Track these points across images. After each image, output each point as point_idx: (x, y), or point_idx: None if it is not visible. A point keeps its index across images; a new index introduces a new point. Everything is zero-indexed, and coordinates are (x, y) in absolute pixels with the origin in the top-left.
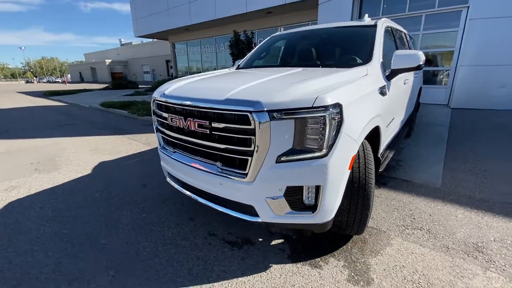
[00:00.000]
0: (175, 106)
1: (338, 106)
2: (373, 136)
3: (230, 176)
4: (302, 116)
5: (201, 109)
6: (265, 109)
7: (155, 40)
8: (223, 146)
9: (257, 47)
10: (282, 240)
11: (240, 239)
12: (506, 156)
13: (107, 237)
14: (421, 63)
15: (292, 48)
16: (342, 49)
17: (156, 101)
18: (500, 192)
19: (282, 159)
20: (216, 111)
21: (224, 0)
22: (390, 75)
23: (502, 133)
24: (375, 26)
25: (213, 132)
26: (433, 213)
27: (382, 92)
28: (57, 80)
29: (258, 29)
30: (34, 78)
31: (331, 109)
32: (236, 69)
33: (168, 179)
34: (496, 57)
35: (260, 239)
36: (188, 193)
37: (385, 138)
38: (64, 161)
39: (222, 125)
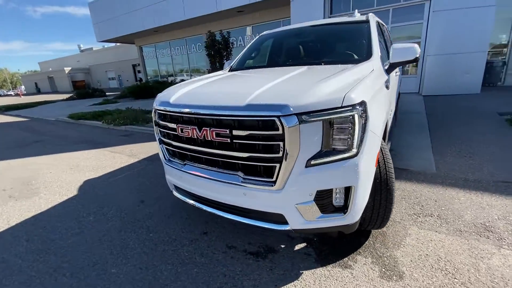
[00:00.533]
0: (185, 115)
1: (363, 103)
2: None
3: (255, 185)
4: (332, 117)
5: (219, 117)
6: (293, 112)
7: (119, 44)
8: (246, 155)
9: (247, 46)
10: (305, 244)
11: (262, 249)
12: (479, 137)
13: (117, 265)
14: (417, 56)
15: (288, 46)
16: (341, 46)
17: (159, 112)
18: (488, 172)
19: (312, 162)
20: (237, 118)
21: (192, 0)
22: (389, 68)
23: (471, 115)
24: (368, 21)
25: (234, 141)
26: (437, 198)
27: (387, 86)
28: (9, 93)
29: (230, 28)
30: None
31: (358, 107)
32: (229, 71)
33: (175, 193)
34: (459, 46)
35: (282, 246)
36: (202, 206)
37: (388, 130)
38: (42, 184)
39: (245, 133)
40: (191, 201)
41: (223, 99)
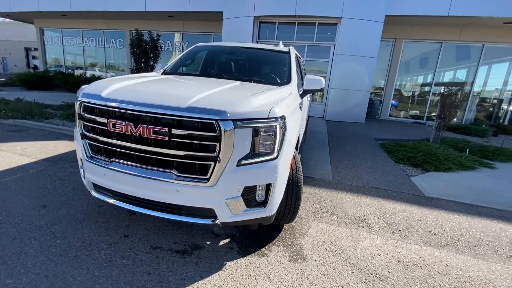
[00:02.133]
0: (119, 110)
1: (283, 117)
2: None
3: (189, 182)
4: (260, 125)
5: (158, 115)
6: (230, 117)
7: (8, 20)
8: (183, 153)
9: (182, 54)
10: (229, 239)
11: (188, 246)
12: (362, 154)
13: (14, 275)
14: (323, 86)
15: (221, 60)
16: (267, 69)
17: (86, 104)
18: (365, 180)
19: (242, 162)
20: (177, 118)
21: None
22: (303, 94)
23: (357, 138)
24: (289, 53)
25: (172, 139)
26: (332, 199)
27: (300, 107)
28: None
29: (159, 31)
30: None
31: (279, 120)
32: (163, 73)
33: (94, 193)
34: (352, 84)
35: (208, 242)
36: (127, 206)
37: (299, 144)
38: None
39: (184, 132)
40: (112, 200)
41: (164, 99)
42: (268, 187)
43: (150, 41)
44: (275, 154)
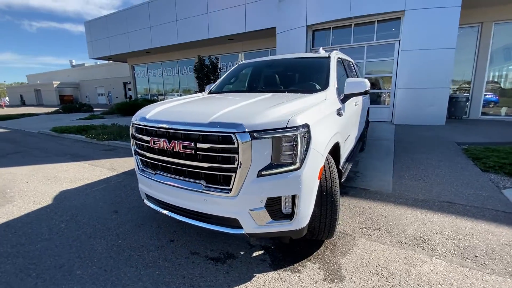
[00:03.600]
0: (158, 129)
1: (306, 126)
2: (335, 151)
3: (214, 192)
4: (278, 135)
5: (186, 132)
6: (247, 130)
7: (111, 62)
8: (207, 165)
9: (226, 73)
10: (263, 251)
11: (223, 255)
12: (435, 163)
13: (83, 267)
14: (367, 89)
15: (259, 75)
16: (304, 77)
17: (136, 125)
18: (435, 193)
19: (263, 173)
20: (201, 133)
21: (186, 26)
22: (344, 98)
23: (433, 144)
24: (329, 57)
25: (197, 153)
26: (388, 215)
27: (339, 113)
28: None
29: (221, 54)
30: None
31: (301, 129)
32: (208, 93)
33: (146, 202)
34: (424, 81)
35: (241, 253)
36: (168, 213)
37: (344, 152)
38: (17, 193)
39: (207, 146)
40: (159, 209)
41: (191, 117)
42: (293, 198)
43: (210, 64)
44: (297, 164)
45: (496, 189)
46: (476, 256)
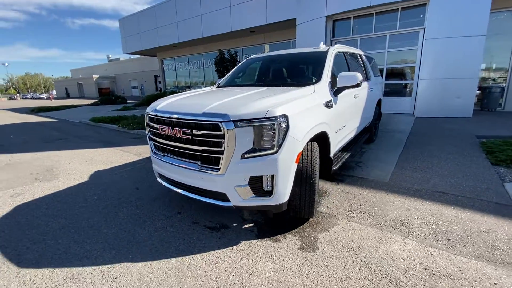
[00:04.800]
0: (165, 118)
1: (284, 116)
2: (323, 140)
3: (207, 171)
4: (258, 124)
5: (185, 120)
6: (231, 119)
7: (143, 56)
8: (201, 148)
9: (234, 68)
10: (252, 224)
11: (219, 225)
12: (444, 155)
13: (108, 227)
14: (358, 82)
15: (262, 69)
16: (301, 71)
17: (149, 115)
18: (432, 184)
19: (245, 156)
20: (196, 121)
21: (210, 20)
22: (337, 91)
23: (449, 137)
24: (326, 52)
25: (194, 138)
26: (376, 201)
27: (328, 105)
28: (41, 96)
29: (244, 47)
30: (17, 94)
31: (279, 119)
32: (217, 87)
33: (159, 180)
34: (450, 72)
35: (234, 224)
36: (175, 188)
37: (336, 142)
38: (61, 171)
39: (200, 132)
40: (168, 185)
41: (190, 108)
42: (273, 178)
43: (229, 58)
44: (275, 149)
45: (499, 182)
46: (449, 240)
